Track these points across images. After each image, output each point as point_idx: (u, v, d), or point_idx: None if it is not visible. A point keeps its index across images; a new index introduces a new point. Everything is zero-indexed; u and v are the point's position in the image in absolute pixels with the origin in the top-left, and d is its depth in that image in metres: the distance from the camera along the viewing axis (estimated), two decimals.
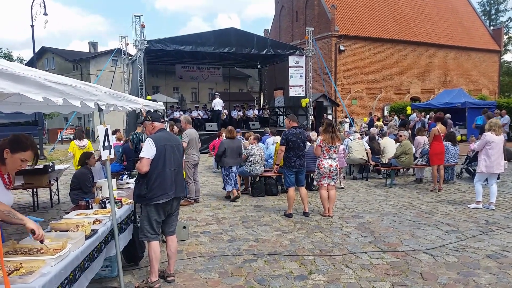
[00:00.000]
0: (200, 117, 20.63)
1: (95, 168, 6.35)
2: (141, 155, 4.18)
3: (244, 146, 9.99)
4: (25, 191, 8.94)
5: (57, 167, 8.62)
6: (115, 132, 11.23)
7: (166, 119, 7.92)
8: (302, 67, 21.06)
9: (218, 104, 20.11)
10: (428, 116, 18.44)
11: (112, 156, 3.89)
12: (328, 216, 7.22)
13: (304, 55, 21.12)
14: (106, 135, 3.74)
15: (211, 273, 4.74)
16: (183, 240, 5.92)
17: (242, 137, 12.63)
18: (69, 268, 2.87)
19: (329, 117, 25.52)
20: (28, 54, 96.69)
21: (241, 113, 21.61)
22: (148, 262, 4.41)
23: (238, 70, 34.03)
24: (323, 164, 7.16)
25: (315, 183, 7.75)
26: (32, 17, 16.50)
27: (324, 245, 5.66)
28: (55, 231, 3.44)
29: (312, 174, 9.29)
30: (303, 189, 7.35)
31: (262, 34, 34.43)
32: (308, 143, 7.24)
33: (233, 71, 31.23)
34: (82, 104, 3.04)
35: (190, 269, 4.88)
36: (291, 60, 20.72)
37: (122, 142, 10.67)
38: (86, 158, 6.19)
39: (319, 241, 5.84)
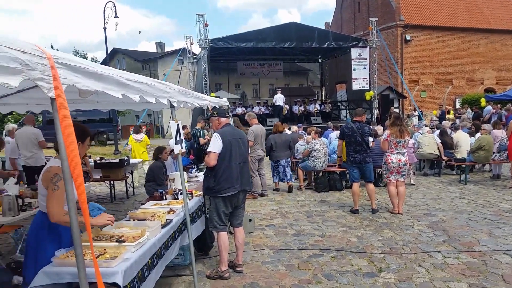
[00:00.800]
0: (261, 113, 20.79)
1: (167, 162, 6.68)
2: (209, 149, 4.33)
3: (306, 141, 9.95)
4: (103, 183, 9.63)
5: (132, 161, 9.18)
6: (183, 128, 11.71)
7: (230, 114, 8.10)
8: (366, 59, 20.39)
9: (279, 99, 20.14)
10: (505, 108, 16.99)
11: (184, 150, 4.06)
12: (398, 213, 6.95)
13: (368, 47, 20.42)
14: (178, 130, 3.91)
15: (278, 265, 4.78)
16: (249, 233, 6.03)
17: (304, 132, 12.54)
18: (147, 255, 3.05)
19: (396, 110, 24.46)
20: (100, 55, 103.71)
21: (302, 108, 21.45)
22: (218, 252, 4.55)
23: (299, 65, 33.79)
24: (390, 159, 6.89)
25: (383, 178, 7.49)
26: (104, 20, 17.64)
27: (394, 243, 5.46)
28: (133, 220, 3.67)
29: (379, 170, 9.00)
30: (370, 185, 7.13)
31: (323, 27, 33.84)
32: (371, 138, 7.00)
33: (294, 66, 31.06)
34: (156, 101, 3.20)
35: (257, 260, 4.96)
36: (354, 52, 20.14)
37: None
38: (159, 153, 6.52)
39: (388, 239, 5.65)
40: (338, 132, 10.94)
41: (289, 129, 13.07)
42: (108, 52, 19.93)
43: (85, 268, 1.99)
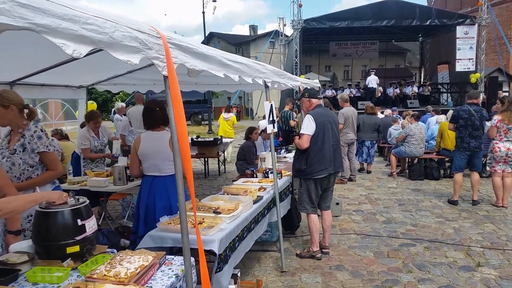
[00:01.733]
0: (352, 95, 20.12)
1: (257, 142, 6.88)
2: (301, 131, 4.29)
3: (401, 126, 9.46)
4: (198, 160, 10.27)
5: (224, 140, 9.64)
6: None
7: (321, 96, 8.01)
8: (473, 37, 18.46)
9: (372, 81, 19.27)
10: None
11: (276, 130, 4.14)
12: (502, 206, 6.33)
13: (476, 24, 18.44)
14: (271, 110, 3.99)
15: (366, 251, 4.70)
16: (336, 216, 5.98)
17: (399, 116, 11.89)
18: (240, 227, 3.22)
19: (505, 94, 21.92)
20: (198, 40, 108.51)
21: (397, 91, 20.27)
22: (304, 232, 4.62)
23: (396, 45, 31.83)
24: (498, 147, 6.25)
25: (487, 168, 6.83)
26: (203, 4, 18.41)
27: (496, 238, 5.01)
28: (227, 194, 3.88)
29: (483, 159, 8.23)
30: (475, 175, 6.56)
31: (425, 4, 31.28)
32: (488, 123, 6.40)
33: (390, 46, 29.33)
34: (253, 81, 3.30)
35: (344, 244, 4.93)
36: (460, 30, 18.35)
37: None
38: (249, 133, 6.74)
39: (489, 233, 5.20)
40: (439, 116, 10.22)
41: (382, 112, 12.53)
42: (205, 35, 20.84)
43: (189, 234, 2.17)
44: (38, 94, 6.76)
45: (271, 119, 4.00)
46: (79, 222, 2.20)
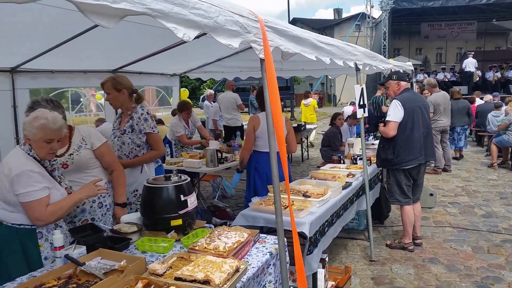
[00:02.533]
0: (446, 80, 18.65)
1: (343, 128, 6.74)
2: (388, 118, 4.00)
3: (505, 112, 8.57)
4: None
5: (308, 126, 9.60)
6: None
7: (414, 80, 7.57)
8: None
9: (470, 64, 17.61)
10: None
11: (366, 114, 4.00)
12: None
13: None
14: (362, 94, 3.87)
15: (463, 245, 4.39)
16: (429, 208, 5.66)
17: (502, 101, 10.77)
18: (329, 212, 3.21)
19: None
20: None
21: (498, 75, 18.31)
22: (399, 224, 4.44)
23: (496, 24, 28.62)
24: None
25: None
26: None
27: None
28: (315, 178, 3.88)
29: None
30: None
31: None
32: None
33: (490, 26, 26.48)
34: (344, 64, 3.22)
35: (438, 237, 4.66)
36: None
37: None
38: (334, 119, 6.62)
39: None
40: None
41: (482, 98, 11.48)
42: (289, 21, 20.77)
43: (282, 215, 2.22)
44: (137, 82, 7.30)
45: (361, 103, 3.87)
46: (182, 198, 2.37)
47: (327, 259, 3.44)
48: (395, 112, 3.96)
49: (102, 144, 2.70)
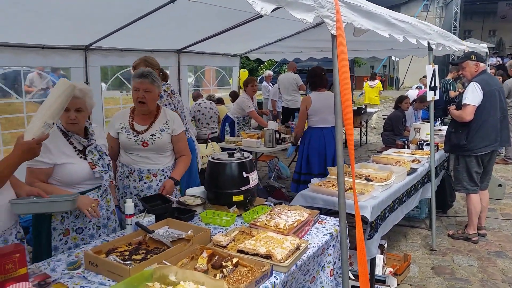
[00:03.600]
0: None
1: (407, 112, 6.44)
2: (465, 101, 3.77)
3: None
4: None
5: (368, 109, 9.30)
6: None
7: (487, 63, 7.02)
8: None
9: None
10: None
11: (437, 97, 3.79)
12: None
13: None
14: (433, 75, 3.65)
15: None
16: (497, 199, 5.31)
17: None
18: (391, 198, 3.10)
19: None
20: None
21: None
22: (464, 214, 4.23)
23: None
24: None
25: None
26: None
27: None
28: (377, 163, 3.76)
29: None
30: None
31: None
32: None
33: None
34: (417, 42, 3.05)
35: (506, 230, 4.37)
36: None
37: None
38: (399, 102, 6.33)
39: None
40: None
41: None
42: None
43: (345, 198, 2.17)
44: (199, 62, 7.48)
45: (432, 85, 3.66)
46: (244, 174, 2.41)
47: (385, 245, 3.37)
48: (474, 96, 3.74)
49: (181, 132, 2.77)
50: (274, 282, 1.66)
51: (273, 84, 9.84)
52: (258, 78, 20.88)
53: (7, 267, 1.53)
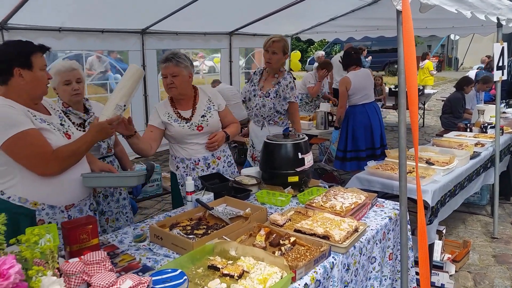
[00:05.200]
0: None
1: (469, 94, 6.07)
2: None
3: None
4: (395, 112, 9.81)
5: (426, 91, 8.89)
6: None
7: None
8: None
9: None
10: None
11: (505, 77, 3.54)
12: None
13: None
14: (502, 54, 3.40)
15: None
16: None
17: None
18: (453, 182, 2.97)
19: None
20: None
21: None
22: None
23: None
24: None
25: None
26: None
27: None
28: (437, 146, 3.60)
29: None
30: None
31: None
32: None
33: None
34: (486, 18, 2.84)
35: None
36: None
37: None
38: (464, 84, 5.97)
39: None
40: None
41: None
42: None
43: (407, 182, 2.10)
44: (249, 44, 7.48)
45: (499, 64, 3.41)
46: (299, 156, 2.40)
47: (444, 231, 3.26)
48: None
49: (225, 106, 2.68)
50: (333, 262, 1.66)
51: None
52: (308, 60, 20.54)
53: (81, 237, 1.65)
